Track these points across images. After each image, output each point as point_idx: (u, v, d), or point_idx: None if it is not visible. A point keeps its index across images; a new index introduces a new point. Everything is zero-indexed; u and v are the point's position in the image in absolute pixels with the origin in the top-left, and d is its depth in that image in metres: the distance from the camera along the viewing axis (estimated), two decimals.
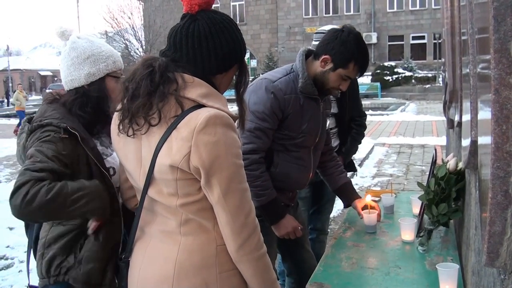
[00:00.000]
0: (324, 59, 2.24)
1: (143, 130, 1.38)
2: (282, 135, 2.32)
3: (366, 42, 2.96)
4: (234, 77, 1.55)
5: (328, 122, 2.77)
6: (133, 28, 33.22)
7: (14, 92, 39.59)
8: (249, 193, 1.44)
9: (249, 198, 1.43)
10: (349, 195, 2.67)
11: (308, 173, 2.47)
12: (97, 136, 1.81)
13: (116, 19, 33.02)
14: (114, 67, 1.80)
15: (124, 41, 32.23)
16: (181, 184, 1.36)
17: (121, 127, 1.43)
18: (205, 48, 1.41)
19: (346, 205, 2.72)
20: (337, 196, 2.99)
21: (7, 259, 4.61)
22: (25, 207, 1.41)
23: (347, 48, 2.19)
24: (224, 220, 1.38)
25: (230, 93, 1.61)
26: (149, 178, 1.40)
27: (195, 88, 1.38)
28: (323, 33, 2.97)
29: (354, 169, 3.69)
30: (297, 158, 2.38)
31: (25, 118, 1.80)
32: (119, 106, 1.44)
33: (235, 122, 1.43)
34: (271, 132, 2.28)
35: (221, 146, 1.33)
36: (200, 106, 1.36)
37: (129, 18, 33.73)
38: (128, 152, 1.47)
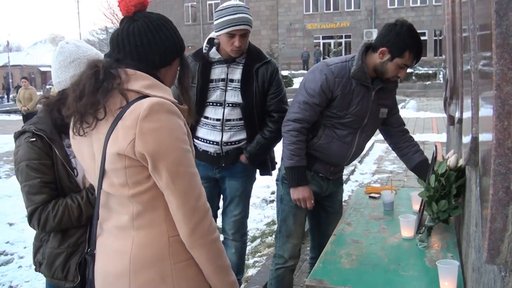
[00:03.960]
0: (382, 51, 2.47)
1: (92, 126, 1.43)
2: (331, 113, 2.61)
3: (367, 39, 2.99)
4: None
5: (226, 112, 2.89)
6: None
7: (16, 87, 39.57)
8: (199, 178, 1.47)
9: (199, 183, 1.46)
10: (427, 172, 2.62)
11: (348, 152, 2.71)
12: None
13: (117, 14, 33.05)
14: None
15: None
16: (130, 172, 1.40)
17: (74, 130, 1.49)
18: (146, 43, 1.48)
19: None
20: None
21: (6, 254, 4.61)
22: (42, 230, 1.83)
23: (401, 39, 2.42)
24: (175, 204, 1.41)
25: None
26: (102, 171, 1.44)
27: (137, 80, 1.43)
28: (221, 10, 2.77)
29: (267, 171, 3.17)
30: (341, 136, 2.66)
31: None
32: (68, 110, 1.48)
33: (183, 113, 1.49)
34: (318, 108, 2.59)
35: (165, 131, 1.38)
36: (144, 97, 1.41)
37: None
38: (83, 151, 1.53)
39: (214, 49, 2.88)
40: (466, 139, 1.55)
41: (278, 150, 2.91)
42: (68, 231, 1.87)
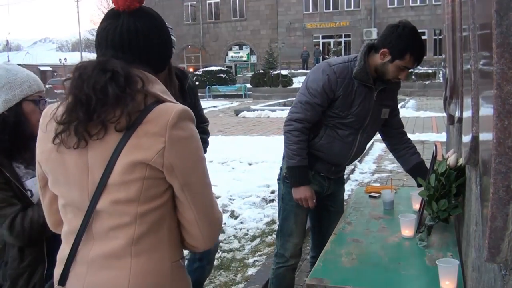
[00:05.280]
0: (383, 52, 2.47)
1: (101, 135, 1.23)
2: (333, 113, 2.62)
3: (366, 38, 3.01)
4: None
5: None
6: None
7: None
8: None
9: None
10: (423, 175, 2.61)
11: (349, 152, 2.74)
12: (21, 160, 1.89)
13: None
14: (29, 91, 1.89)
15: None
16: (147, 185, 1.24)
17: (70, 143, 1.25)
18: (153, 45, 1.35)
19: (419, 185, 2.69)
20: None
21: None
22: (17, 237, 1.76)
23: (402, 41, 2.42)
24: (203, 214, 1.31)
25: (230, 89, 1.63)
26: (102, 186, 1.24)
27: (156, 84, 1.30)
28: None
29: None
30: (343, 136, 2.67)
31: None
32: (60, 118, 1.26)
33: None
34: (320, 108, 2.59)
35: (194, 141, 1.29)
36: (159, 101, 1.27)
37: None
38: (68, 164, 1.28)
39: None
40: (466, 138, 1.55)
41: (278, 150, 2.90)
42: (25, 251, 1.83)
